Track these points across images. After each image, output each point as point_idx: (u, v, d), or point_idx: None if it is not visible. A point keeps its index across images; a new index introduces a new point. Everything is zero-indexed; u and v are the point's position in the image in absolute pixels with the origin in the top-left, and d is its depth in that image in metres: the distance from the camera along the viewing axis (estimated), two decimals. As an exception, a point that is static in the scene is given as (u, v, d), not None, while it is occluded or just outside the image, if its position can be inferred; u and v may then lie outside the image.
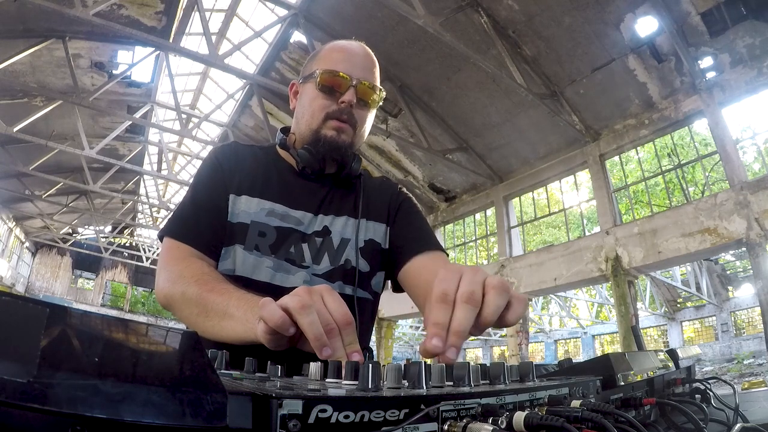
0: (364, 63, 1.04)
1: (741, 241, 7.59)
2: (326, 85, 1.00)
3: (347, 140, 1.01)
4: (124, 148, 15.00)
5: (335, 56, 1.03)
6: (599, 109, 9.57)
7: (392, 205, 1.11)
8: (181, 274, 0.87)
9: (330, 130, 1.00)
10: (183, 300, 0.84)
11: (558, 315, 24.17)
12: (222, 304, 0.77)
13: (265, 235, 0.97)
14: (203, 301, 0.80)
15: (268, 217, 0.98)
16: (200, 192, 0.99)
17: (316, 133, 1.00)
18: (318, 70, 1.01)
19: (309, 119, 1.01)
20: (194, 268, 0.87)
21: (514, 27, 8.58)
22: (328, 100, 1.00)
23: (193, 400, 0.27)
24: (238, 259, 0.95)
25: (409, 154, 12.31)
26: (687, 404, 0.70)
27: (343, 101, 0.99)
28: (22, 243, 22.24)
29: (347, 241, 1.03)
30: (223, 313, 0.76)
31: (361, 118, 1.03)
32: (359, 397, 0.34)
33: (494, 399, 0.42)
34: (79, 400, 0.24)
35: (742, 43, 7.72)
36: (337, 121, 1.00)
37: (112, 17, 8.40)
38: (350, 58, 1.02)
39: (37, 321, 0.24)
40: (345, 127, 1.00)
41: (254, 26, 11.24)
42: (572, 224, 17.27)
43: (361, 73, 1.01)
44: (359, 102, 1.01)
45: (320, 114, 1.00)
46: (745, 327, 18.45)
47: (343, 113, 0.99)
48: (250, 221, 0.97)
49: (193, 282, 0.83)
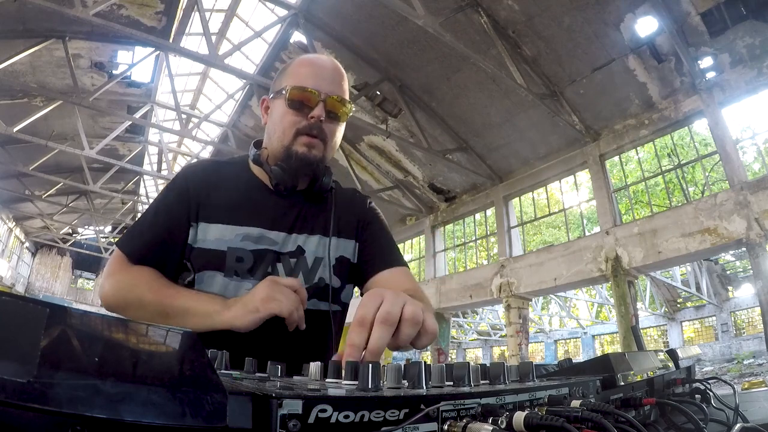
0: (333, 77, 1.05)
1: (741, 241, 7.59)
2: (295, 100, 1.01)
3: (318, 155, 1.03)
4: (124, 148, 15.00)
5: (303, 71, 1.04)
6: (599, 109, 9.57)
7: (361, 221, 1.15)
8: (133, 282, 0.95)
9: (301, 146, 1.01)
10: (140, 305, 0.92)
11: (558, 315, 24.16)
12: (181, 304, 0.90)
13: (242, 260, 1.00)
14: (162, 304, 0.91)
15: (243, 242, 1.01)
16: (161, 215, 1.02)
17: (288, 150, 1.02)
18: (287, 86, 1.02)
19: (280, 135, 1.03)
20: (146, 276, 0.96)
21: (514, 27, 8.58)
22: (297, 116, 1.01)
23: (193, 400, 0.27)
24: (217, 286, 0.99)
25: (409, 154, 12.31)
26: (687, 404, 0.70)
27: (313, 116, 1.00)
28: (22, 243, 22.24)
29: (320, 260, 1.07)
30: (184, 312, 0.89)
31: (331, 132, 1.05)
32: (359, 397, 0.34)
33: (494, 399, 0.42)
34: (79, 400, 0.24)
35: (742, 43, 7.72)
36: (307, 137, 1.01)
37: (112, 17, 8.40)
38: (318, 73, 1.03)
39: (37, 321, 0.24)
40: (315, 143, 1.02)
41: (254, 26, 11.24)
42: (572, 224, 17.27)
43: (329, 87, 1.02)
44: (329, 116, 1.02)
45: (291, 130, 1.01)
46: (745, 327, 18.45)
47: (313, 129, 1.01)
48: (226, 248, 1.00)
49: (147, 289, 0.93)
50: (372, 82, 10.49)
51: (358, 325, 0.60)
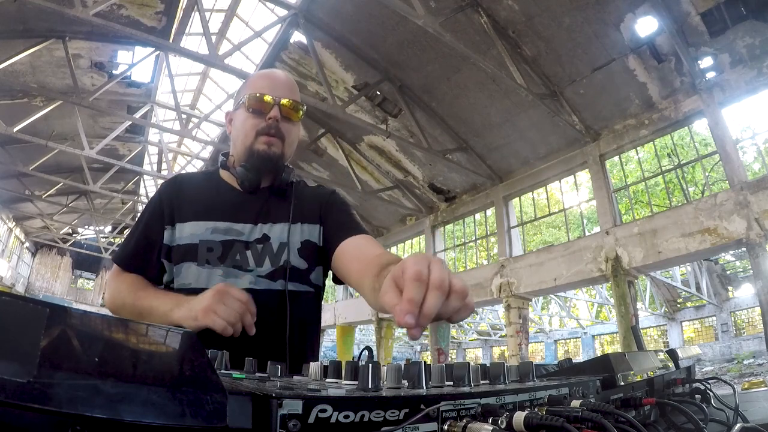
0: (285, 85, 1.20)
1: (741, 241, 7.59)
2: (254, 105, 1.15)
3: (278, 152, 1.16)
4: (124, 148, 14.99)
5: (259, 83, 1.19)
6: (599, 109, 9.57)
7: (323, 206, 1.24)
8: (119, 288, 1.13)
9: (261, 144, 1.15)
10: (124, 307, 1.10)
11: (558, 315, 24.16)
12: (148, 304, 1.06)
13: (212, 249, 1.12)
14: (135, 305, 1.08)
15: (213, 234, 1.13)
16: (140, 228, 1.18)
17: (250, 149, 1.15)
18: (246, 95, 1.17)
19: (243, 138, 1.17)
20: (128, 282, 1.13)
21: (514, 27, 8.58)
22: (257, 119, 1.15)
23: (193, 400, 0.27)
24: (192, 275, 1.11)
25: (409, 154, 12.30)
26: (687, 404, 0.70)
27: (270, 117, 1.14)
28: (22, 243, 22.23)
29: (285, 245, 1.16)
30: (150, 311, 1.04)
31: (288, 132, 1.18)
32: (359, 397, 0.34)
33: (494, 399, 0.42)
34: (79, 400, 0.24)
35: (742, 43, 7.72)
36: (266, 136, 1.15)
37: (112, 17, 8.39)
38: (272, 82, 1.19)
39: (37, 321, 0.24)
40: (274, 141, 1.16)
41: (254, 26, 11.23)
42: (572, 224, 17.26)
43: (282, 92, 1.17)
44: (284, 117, 1.16)
45: (251, 132, 1.15)
46: (745, 327, 18.45)
47: (271, 128, 1.15)
48: (198, 241, 1.12)
49: (128, 293, 1.11)
50: (372, 82, 10.48)
51: (416, 280, 0.53)
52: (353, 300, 15.26)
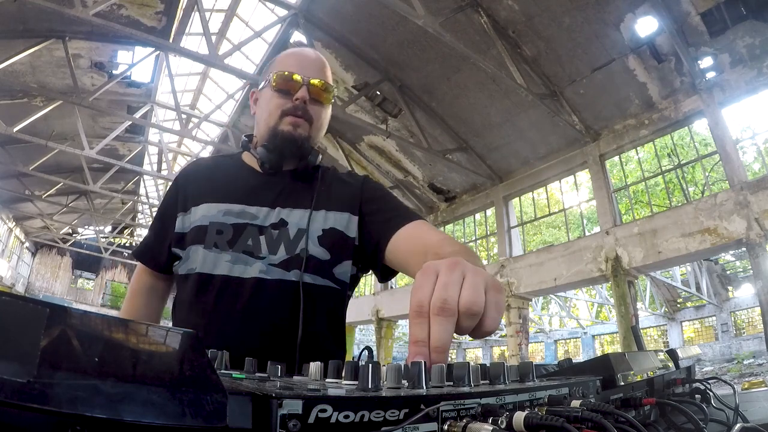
0: (315, 64, 1.12)
1: (741, 241, 7.59)
2: (281, 85, 1.07)
3: (303, 134, 1.07)
4: (124, 148, 15.00)
5: (288, 61, 1.11)
6: (599, 109, 9.57)
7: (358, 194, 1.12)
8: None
9: (286, 125, 1.07)
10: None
11: (558, 315, 24.16)
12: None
13: (222, 232, 1.03)
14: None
15: (224, 216, 1.05)
16: (156, 220, 1.16)
17: (274, 130, 1.07)
18: (273, 73, 1.09)
19: (267, 118, 1.09)
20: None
21: (514, 27, 8.58)
22: (283, 99, 1.07)
23: (193, 400, 0.27)
24: (198, 258, 1.03)
25: (409, 154, 12.31)
26: (687, 404, 0.70)
27: (297, 98, 1.06)
28: (22, 243, 22.23)
29: (304, 231, 1.05)
30: None
31: (316, 114, 1.10)
32: (359, 397, 0.34)
33: (494, 399, 0.42)
34: (79, 400, 0.24)
35: (742, 43, 7.72)
36: (292, 117, 1.06)
37: (112, 17, 8.39)
38: (301, 61, 1.11)
39: (37, 321, 0.24)
40: (300, 122, 1.07)
41: (254, 26, 11.24)
42: (572, 224, 17.27)
43: (312, 72, 1.09)
44: (312, 99, 1.08)
45: (276, 112, 1.07)
46: (745, 327, 18.45)
47: (298, 109, 1.06)
48: (208, 222, 1.05)
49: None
50: (372, 82, 10.49)
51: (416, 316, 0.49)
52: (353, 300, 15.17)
